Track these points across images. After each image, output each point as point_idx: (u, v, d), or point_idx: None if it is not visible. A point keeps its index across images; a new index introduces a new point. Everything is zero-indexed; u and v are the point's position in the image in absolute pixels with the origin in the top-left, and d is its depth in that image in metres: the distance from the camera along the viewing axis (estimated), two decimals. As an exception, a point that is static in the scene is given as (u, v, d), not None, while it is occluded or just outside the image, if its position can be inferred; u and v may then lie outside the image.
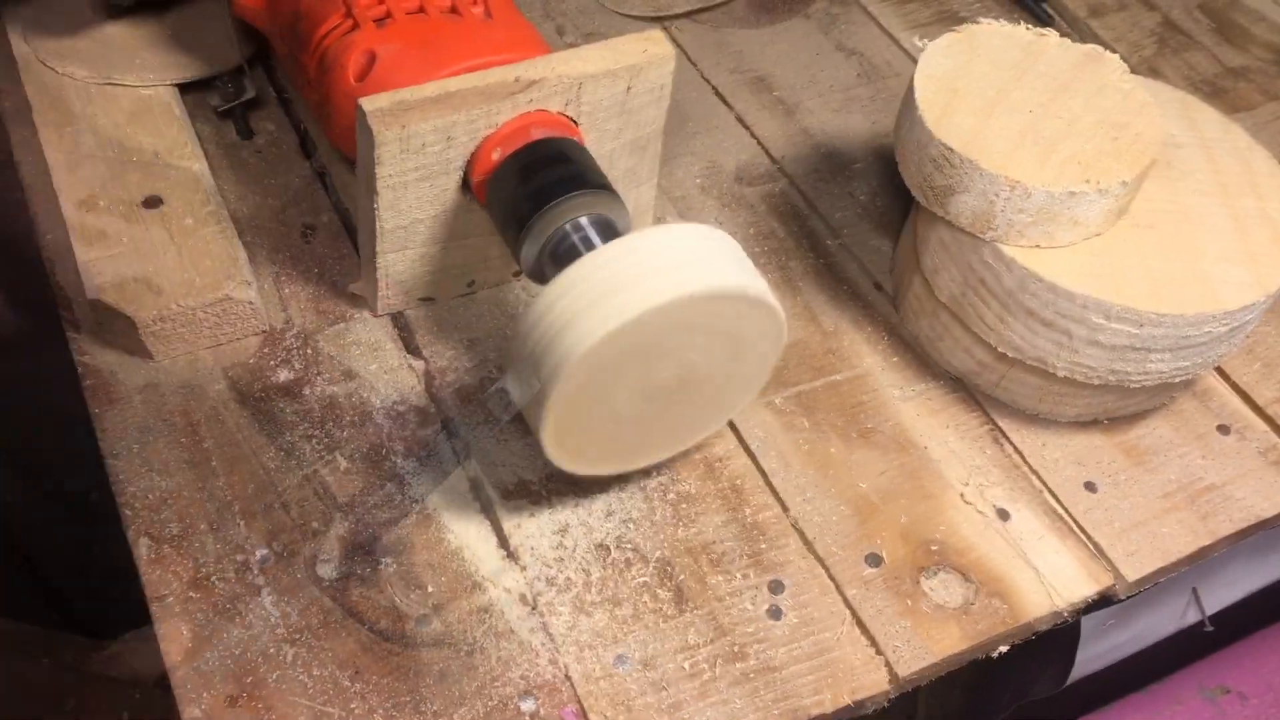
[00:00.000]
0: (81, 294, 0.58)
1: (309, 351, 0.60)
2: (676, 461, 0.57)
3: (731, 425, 0.59)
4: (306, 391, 0.58)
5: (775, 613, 0.52)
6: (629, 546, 0.54)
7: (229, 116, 0.71)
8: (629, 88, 0.57)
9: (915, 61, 0.63)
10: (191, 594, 0.51)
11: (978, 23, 0.62)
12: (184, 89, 0.70)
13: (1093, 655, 0.67)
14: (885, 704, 0.51)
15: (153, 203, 0.62)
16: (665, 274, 0.46)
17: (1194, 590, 0.70)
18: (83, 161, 0.64)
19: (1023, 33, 0.61)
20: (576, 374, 0.46)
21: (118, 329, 0.58)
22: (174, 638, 0.49)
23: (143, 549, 0.52)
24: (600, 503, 0.55)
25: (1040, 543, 0.56)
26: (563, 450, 0.50)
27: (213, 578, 0.51)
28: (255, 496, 0.54)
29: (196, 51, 0.72)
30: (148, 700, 1.04)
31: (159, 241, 0.60)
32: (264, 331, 0.60)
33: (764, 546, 0.55)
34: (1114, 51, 0.61)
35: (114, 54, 0.70)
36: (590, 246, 0.51)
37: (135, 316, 0.56)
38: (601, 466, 0.53)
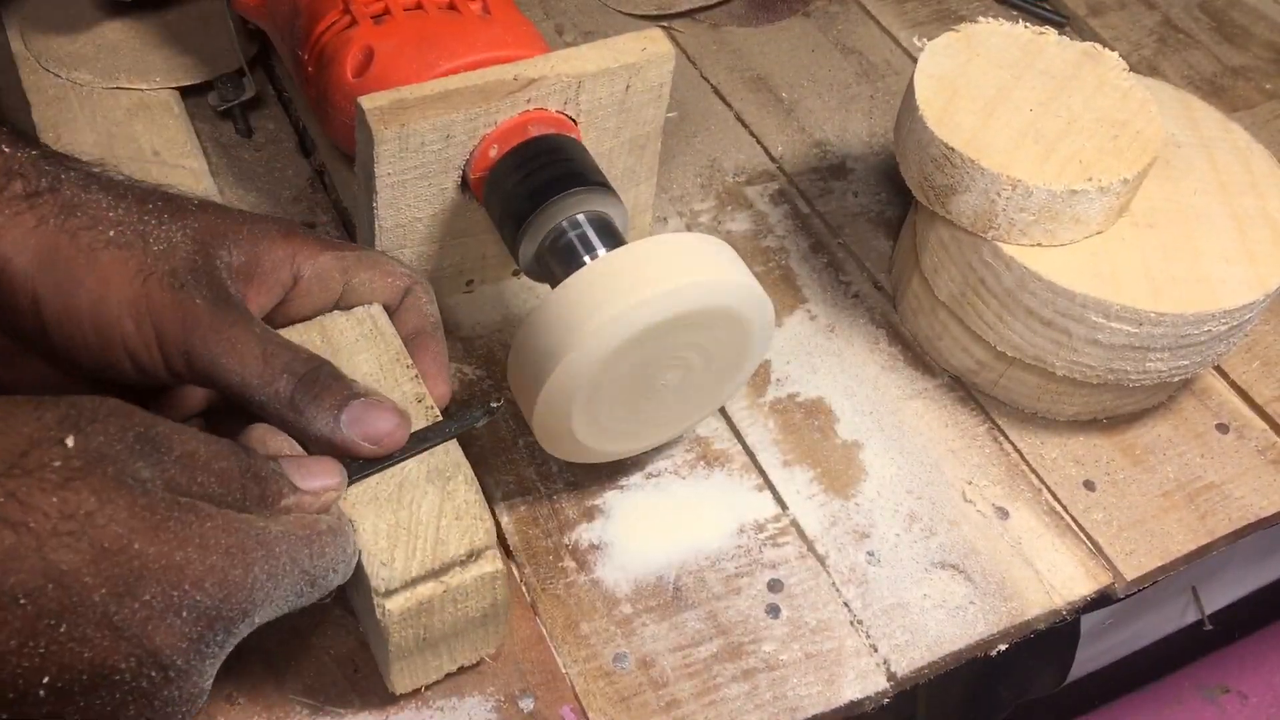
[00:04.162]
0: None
1: (308, 350, 0.60)
2: (674, 459, 0.57)
3: (729, 423, 0.59)
4: (305, 390, 0.58)
5: (773, 611, 0.52)
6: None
7: (228, 116, 0.70)
8: (628, 86, 0.57)
9: (915, 60, 0.63)
10: (190, 592, 0.51)
11: (977, 21, 0.62)
12: (184, 89, 0.70)
13: (1092, 654, 0.67)
14: (884, 703, 0.51)
15: (151, 201, 0.62)
16: (663, 281, 0.46)
17: (1193, 589, 0.70)
18: (81, 160, 0.64)
19: (1022, 31, 0.61)
20: (580, 387, 0.47)
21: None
22: (172, 636, 0.49)
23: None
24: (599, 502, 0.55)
25: (1039, 541, 0.56)
26: (560, 444, 0.50)
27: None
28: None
29: (200, 54, 0.72)
30: None
31: (158, 240, 0.60)
32: (263, 330, 0.60)
33: (762, 545, 0.54)
34: (1113, 50, 0.61)
35: (116, 57, 0.70)
36: (587, 244, 0.51)
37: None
38: (595, 455, 0.53)
